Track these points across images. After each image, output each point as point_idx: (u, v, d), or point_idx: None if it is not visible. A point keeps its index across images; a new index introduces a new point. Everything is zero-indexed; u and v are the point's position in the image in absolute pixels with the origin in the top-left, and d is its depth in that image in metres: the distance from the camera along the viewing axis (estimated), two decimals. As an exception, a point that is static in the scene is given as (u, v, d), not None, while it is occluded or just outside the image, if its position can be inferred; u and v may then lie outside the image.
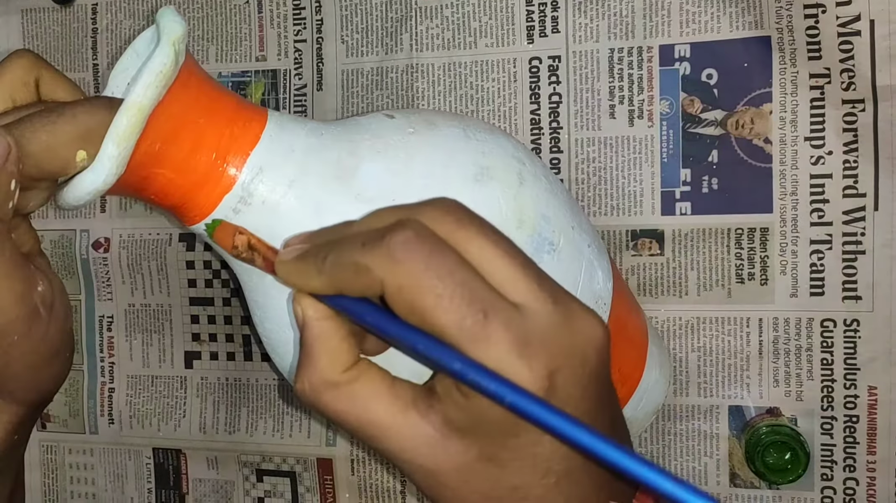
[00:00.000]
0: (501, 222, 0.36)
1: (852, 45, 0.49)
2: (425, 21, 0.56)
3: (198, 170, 0.33)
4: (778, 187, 0.51)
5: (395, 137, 0.37)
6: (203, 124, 0.33)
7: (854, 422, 0.51)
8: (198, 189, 0.34)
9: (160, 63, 0.30)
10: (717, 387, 0.53)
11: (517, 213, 0.36)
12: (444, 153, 0.36)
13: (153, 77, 0.30)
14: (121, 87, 0.36)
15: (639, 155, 0.53)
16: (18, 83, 0.33)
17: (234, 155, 0.34)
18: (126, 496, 0.64)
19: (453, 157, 0.36)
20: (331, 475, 0.60)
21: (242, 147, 0.34)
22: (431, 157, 0.36)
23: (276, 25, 0.60)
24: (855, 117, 0.50)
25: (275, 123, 0.35)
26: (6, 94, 0.33)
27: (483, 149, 0.37)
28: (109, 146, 0.29)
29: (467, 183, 0.36)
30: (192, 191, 0.34)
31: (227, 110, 0.34)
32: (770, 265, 0.52)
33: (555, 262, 0.37)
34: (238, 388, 0.62)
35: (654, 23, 0.53)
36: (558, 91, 0.54)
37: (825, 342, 0.51)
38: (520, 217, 0.36)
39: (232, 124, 0.34)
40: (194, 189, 0.34)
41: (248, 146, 0.34)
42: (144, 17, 0.62)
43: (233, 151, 0.34)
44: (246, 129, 0.34)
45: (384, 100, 0.57)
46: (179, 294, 0.62)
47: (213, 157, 0.33)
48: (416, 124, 0.38)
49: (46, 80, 0.34)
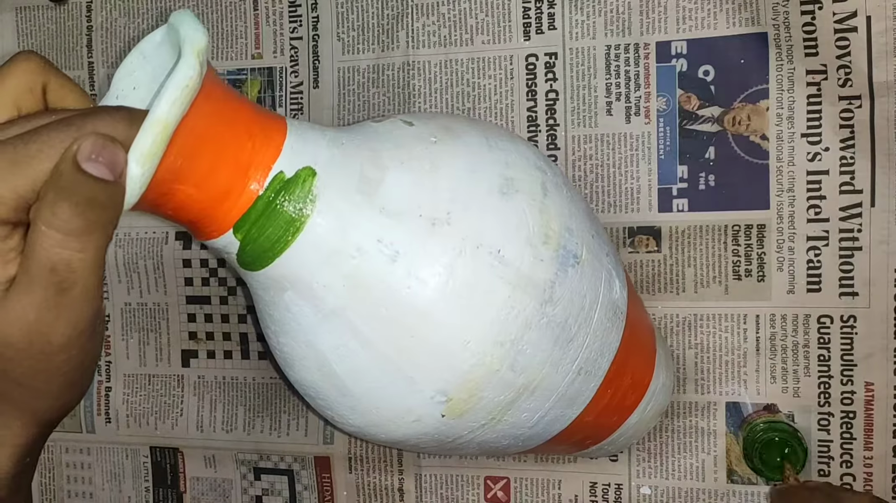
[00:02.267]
0: (528, 238, 0.35)
1: (849, 42, 0.49)
2: (421, 18, 0.56)
3: (219, 185, 0.32)
4: (774, 184, 0.51)
5: (417, 147, 0.36)
6: (225, 138, 0.31)
7: (851, 419, 0.51)
8: (217, 204, 0.32)
9: (185, 77, 0.28)
10: (715, 384, 0.53)
11: (543, 227, 0.36)
12: (467, 164, 0.36)
13: (179, 92, 0.28)
14: (126, 91, 0.34)
15: (636, 152, 0.53)
16: (24, 89, 0.30)
17: (256, 169, 0.32)
18: (123, 495, 0.64)
19: (478, 169, 0.36)
20: (328, 473, 0.60)
21: (264, 160, 0.33)
22: (456, 168, 0.36)
23: (271, 23, 0.59)
24: (851, 113, 0.50)
25: (295, 134, 0.34)
26: (10, 102, 0.30)
27: (507, 159, 0.37)
28: (133, 167, 0.27)
29: (493, 196, 0.36)
30: (212, 206, 0.32)
31: (247, 121, 0.32)
32: (767, 262, 0.52)
33: (577, 276, 0.37)
34: (235, 387, 0.61)
35: (650, 19, 0.53)
36: (555, 88, 0.54)
37: (822, 338, 0.51)
38: (546, 232, 0.36)
39: (253, 137, 0.32)
40: (214, 205, 0.32)
41: (269, 159, 0.33)
42: (139, 15, 0.62)
43: (255, 165, 0.32)
44: (267, 141, 0.33)
45: (380, 97, 0.57)
46: (176, 293, 0.62)
47: (234, 171, 0.32)
48: (438, 132, 0.37)
49: (54, 87, 0.31)
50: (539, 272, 0.36)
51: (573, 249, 0.37)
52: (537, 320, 0.36)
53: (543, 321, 0.36)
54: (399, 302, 0.34)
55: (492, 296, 0.35)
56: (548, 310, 0.36)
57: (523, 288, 0.35)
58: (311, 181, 0.33)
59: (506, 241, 0.35)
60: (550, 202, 0.37)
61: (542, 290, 0.36)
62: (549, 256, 0.36)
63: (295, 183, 0.33)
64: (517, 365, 0.36)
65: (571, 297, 0.37)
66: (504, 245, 0.35)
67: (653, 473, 0.54)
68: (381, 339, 0.35)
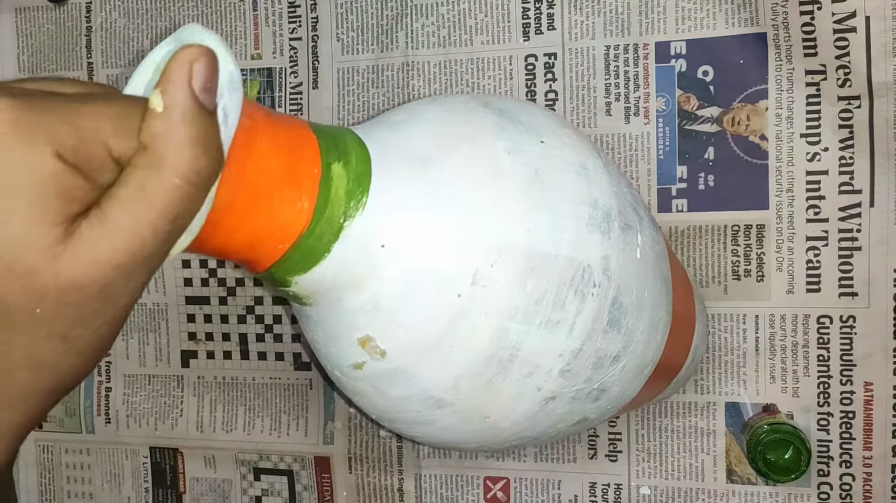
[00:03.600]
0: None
1: (848, 42, 0.49)
2: (421, 18, 0.56)
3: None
4: (774, 184, 0.51)
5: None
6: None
7: (850, 419, 0.51)
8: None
9: (234, 123, 0.26)
10: (714, 384, 0.53)
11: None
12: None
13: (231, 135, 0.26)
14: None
15: (635, 152, 0.53)
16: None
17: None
18: (123, 495, 0.64)
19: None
20: (328, 473, 0.60)
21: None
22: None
23: (271, 24, 0.59)
24: (851, 114, 0.50)
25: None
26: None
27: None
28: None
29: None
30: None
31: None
32: (766, 262, 0.52)
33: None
34: (235, 387, 0.61)
35: (649, 20, 0.53)
36: (554, 88, 0.54)
37: (821, 338, 0.51)
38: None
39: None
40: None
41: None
42: (139, 15, 0.62)
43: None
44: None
45: (380, 97, 0.57)
46: (175, 293, 0.62)
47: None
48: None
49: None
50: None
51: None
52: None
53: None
54: None
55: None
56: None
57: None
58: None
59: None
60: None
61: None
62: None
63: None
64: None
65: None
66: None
67: (652, 473, 0.54)
68: None
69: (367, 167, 0.33)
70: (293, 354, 0.60)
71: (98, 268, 0.23)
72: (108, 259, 0.23)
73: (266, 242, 0.31)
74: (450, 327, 0.34)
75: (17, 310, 0.23)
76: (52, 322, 0.23)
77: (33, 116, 0.22)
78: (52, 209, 0.22)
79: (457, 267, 0.33)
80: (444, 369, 0.35)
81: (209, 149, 0.24)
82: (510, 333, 0.34)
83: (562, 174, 0.36)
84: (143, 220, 0.23)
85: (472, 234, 0.34)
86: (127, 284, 0.24)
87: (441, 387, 0.36)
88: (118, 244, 0.23)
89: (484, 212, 0.34)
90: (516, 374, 0.35)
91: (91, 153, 0.23)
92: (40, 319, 0.23)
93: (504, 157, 0.35)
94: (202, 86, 0.24)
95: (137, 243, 0.23)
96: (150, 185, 0.23)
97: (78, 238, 0.23)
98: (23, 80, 0.26)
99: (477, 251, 0.33)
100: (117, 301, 0.24)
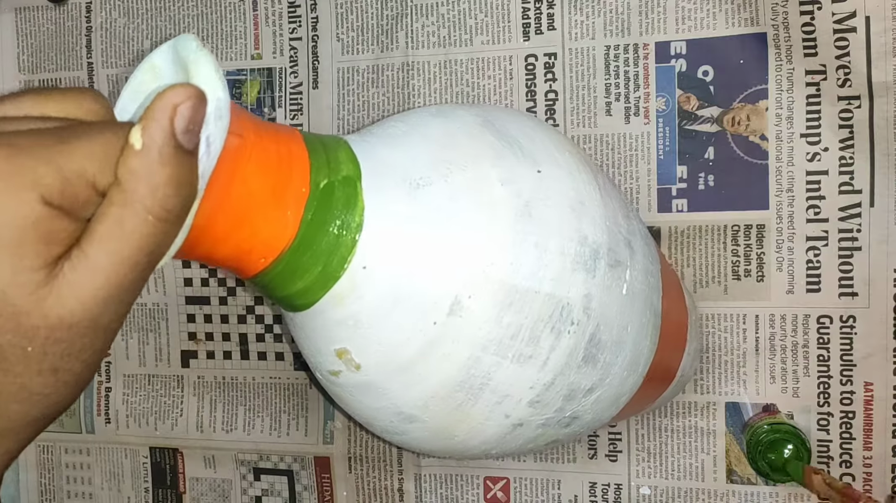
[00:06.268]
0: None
1: (848, 42, 0.49)
2: (421, 18, 0.56)
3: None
4: (774, 184, 0.51)
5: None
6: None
7: (850, 419, 0.51)
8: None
9: (219, 145, 0.26)
10: (714, 384, 0.53)
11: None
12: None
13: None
14: (137, 114, 0.30)
15: (635, 152, 0.53)
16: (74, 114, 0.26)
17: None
18: (123, 495, 0.64)
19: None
20: (328, 473, 0.60)
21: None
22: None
23: (271, 23, 0.59)
24: (851, 114, 0.50)
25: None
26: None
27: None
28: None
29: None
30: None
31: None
32: (766, 262, 0.52)
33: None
34: (235, 387, 0.61)
35: (649, 20, 0.53)
36: (554, 88, 0.54)
37: (821, 338, 0.51)
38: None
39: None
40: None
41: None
42: (139, 15, 0.62)
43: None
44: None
45: (380, 97, 0.57)
46: (175, 293, 0.62)
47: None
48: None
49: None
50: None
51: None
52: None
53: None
54: None
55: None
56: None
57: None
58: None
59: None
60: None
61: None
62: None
63: None
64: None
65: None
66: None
67: (652, 473, 0.54)
68: None
69: (357, 188, 0.33)
70: (293, 354, 0.60)
71: (83, 306, 0.24)
72: (92, 296, 0.24)
73: (249, 255, 0.31)
74: (423, 352, 0.34)
75: (9, 350, 0.24)
76: (42, 359, 0.24)
77: (17, 163, 0.23)
78: (33, 255, 0.23)
79: (436, 295, 0.33)
80: (415, 389, 0.35)
81: (181, 188, 0.24)
82: (482, 363, 0.34)
83: (553, 208, 0.35)
84: (121, 256, 0.24)
85: (454, 263, 0.34)
86: (115, 312, 0.25)
87: (411, 405, 0.36)
88: (99, 282, 0.24)
89: (468, 242, 0.34)
90: (486, 402, 0.36)
91: (77, 192, 0.24)
92: (31, 357, 0.24)
93: (497, 186, 0.35)
94: (184, 128, 0.24)
95: (118, 278, 0.24)
96: (126, 221, 0.24)
97: (62, 280, 0.23)
98: (2, 98, 0.26)
99: (457, 281, 0.34)
100: (105, 329, 0.25)
